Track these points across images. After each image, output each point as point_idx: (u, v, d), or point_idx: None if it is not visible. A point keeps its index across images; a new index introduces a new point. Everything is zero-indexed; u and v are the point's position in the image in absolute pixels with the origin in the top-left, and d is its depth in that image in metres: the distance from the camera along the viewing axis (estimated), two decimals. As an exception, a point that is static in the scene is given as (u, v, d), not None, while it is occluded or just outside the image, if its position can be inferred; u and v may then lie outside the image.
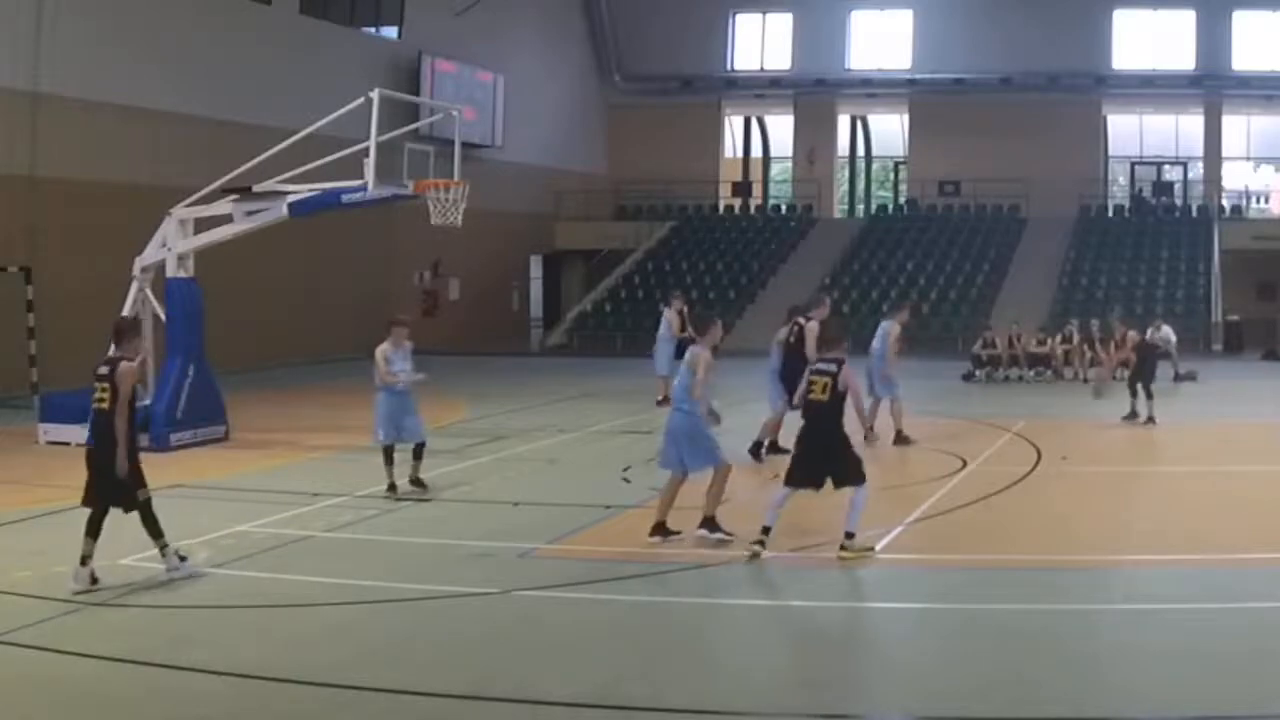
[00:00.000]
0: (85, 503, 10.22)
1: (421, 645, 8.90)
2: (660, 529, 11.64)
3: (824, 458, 11.05)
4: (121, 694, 7.94)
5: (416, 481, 14.26)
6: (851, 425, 11.30)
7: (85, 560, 9.96)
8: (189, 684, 7.96)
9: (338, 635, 9.14)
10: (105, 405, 10.19)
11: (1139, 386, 19.86)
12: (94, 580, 9.98)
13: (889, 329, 17.92)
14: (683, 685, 8.00)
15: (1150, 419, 19.52)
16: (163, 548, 10.30)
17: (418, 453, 14.30)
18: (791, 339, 15.95)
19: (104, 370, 10.31)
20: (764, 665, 8.47)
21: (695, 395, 11.44)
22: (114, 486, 10.08)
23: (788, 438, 15.91)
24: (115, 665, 8.36)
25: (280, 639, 9.11)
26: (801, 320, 16.03)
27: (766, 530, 11.06)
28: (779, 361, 16.18)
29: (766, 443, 16.22)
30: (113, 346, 10.74)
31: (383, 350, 14.16)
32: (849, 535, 10.99)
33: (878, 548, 11.43)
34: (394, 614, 9.67)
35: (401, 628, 9.32)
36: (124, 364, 10.23)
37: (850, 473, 11.03)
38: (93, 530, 10.05)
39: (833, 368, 11.14)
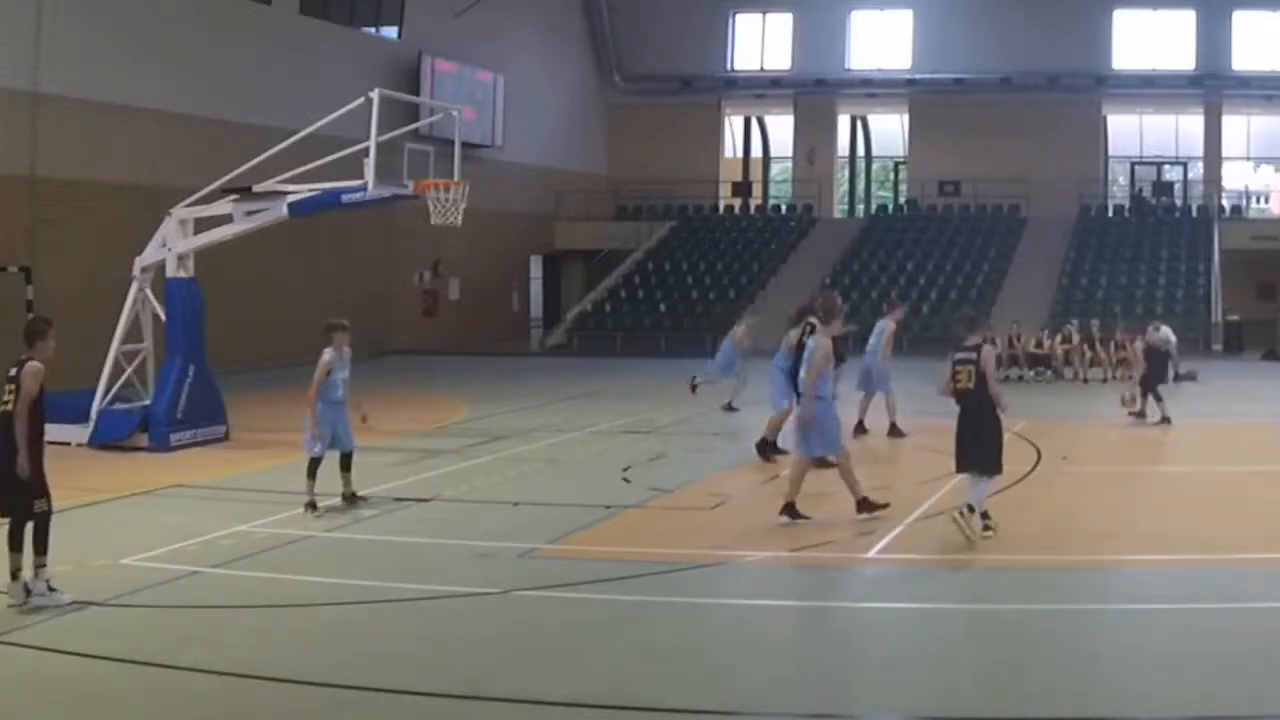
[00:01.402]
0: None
1: (421, 645, 8.89)
2: (790, 509, 12.38)
3: (975, 441, 11.54)
4: (121, 694, 7.94)
5: (352, 496, 13.44)
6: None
7: (39, 570, 9.52)
8: (189, 684, 7.96)
9: (338, 635, 9.14)
10: (9, 407, 9.48)
11: (1148, 390, 20.00)
12: (50, 587, 9.55)
13: (885, 327, 18.39)
14: (682, 685, 8.00)
15: (1165, 419, 19.64)
16: (39, 568, 9.50)
17: (347, 463, 13.44)
18: (804, 338, 15.96)
19: (12, 371, 9.62)
20: (763, 665, 8.47)
21: (812, 379, 12.30)
22: (13, 494, 9.50)
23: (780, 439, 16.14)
24: (115, 665, 8.36)
25: (280, 639, 9.11)
26: (813, 320, 16.03)
27: (985, 515, 11.51)
28: (788, 361, 16.16)
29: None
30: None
31: (328, 360, 13.24)
32: (976, 511, 11.44)
33: (877, 548, 11.44)
34: (394, 614, 9.67)
35: (401, 628, 9.31)
36: (30, 363, 9.56)
37: (989, 464, 11.55)
38: (14, 543, 9.56)
39: (973, 355, 11.57)
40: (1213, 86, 41.81)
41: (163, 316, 18.34)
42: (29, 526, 9.56)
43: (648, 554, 11.29)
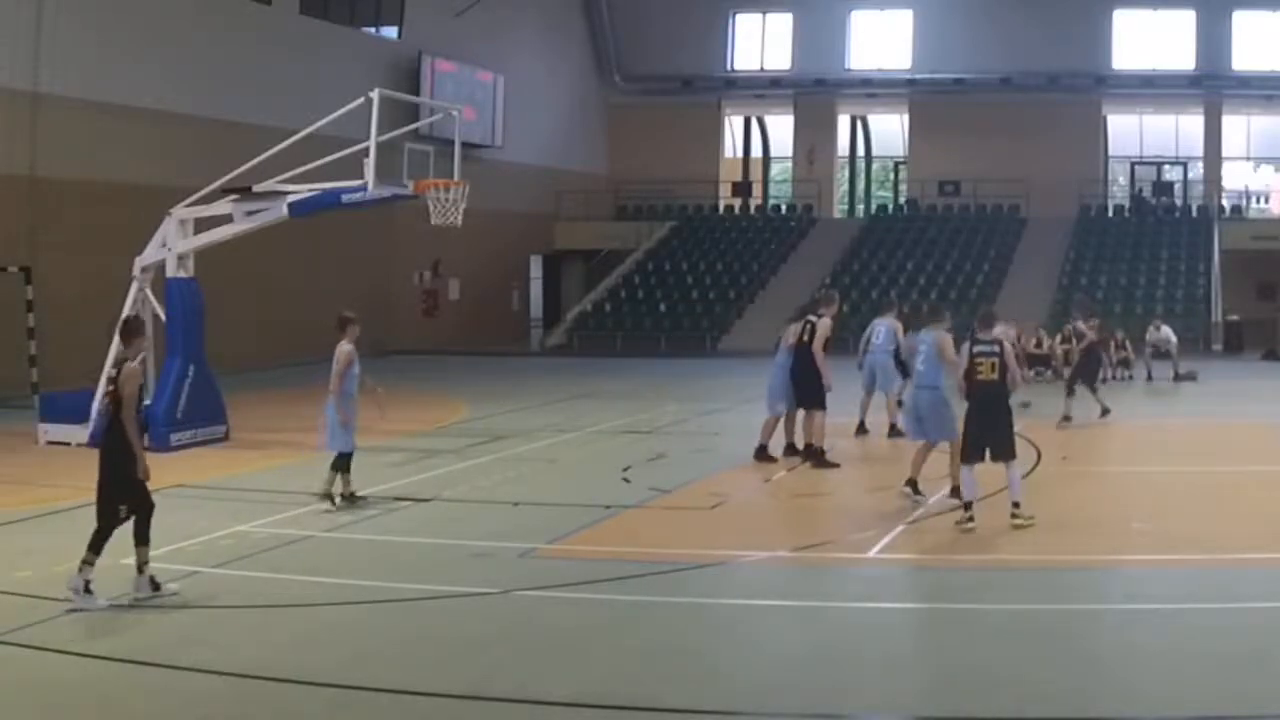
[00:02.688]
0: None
1: (421, 645, 8.89)
2: (912, 484, 13.23)
3: (991, 429, 12.00)
4: (121, 694, 7.94)
5: (352, 496, 13.35)
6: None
7: (85, 566, 9.70)
8: (189, 684, 7.96)
9: (338, 635, 9.14)
10: (109, 409, 9.95)
11: (1078, 386, 20.01)
12: (155, 586, 9.79)
13: (893, 326, 18.27)
14: (682, 685, 8.00)
15: (1105, 410, 19.97)
16: (84, 564, 9.59)
17: (349, 465, 13.34)
18: (805, 336, 16.00)
19: (112, 373, 10.05)
20: (763, 665, 8.47)
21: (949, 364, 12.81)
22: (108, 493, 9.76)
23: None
24: (115, 665, 8.36)
25: (280, 639, 9.11)
26: (814, 318, 16.08)
27: (969, 505, 12.01)
28: (789, 359, 16.16)
29: (802, 442, 16.15)
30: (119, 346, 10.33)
31: (350, 350, 13.24)
32: (1016, 505, 12.02)
33: (877, 548, 11.45)
34: (394, 614, 9.67)
35: (401, 628, 9.31)
36: (127, 365, 9.95)
37: (1008, 449, 12.05)
38: (139, 537, 9.82)
39: (995, 349, 12.09)
40: (1213, 86, 41.80)
41: (163, 316, 18.33)
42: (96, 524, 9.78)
43: (648, 554, 11.29)
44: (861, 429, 18.30)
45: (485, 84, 38.48)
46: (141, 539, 9.83)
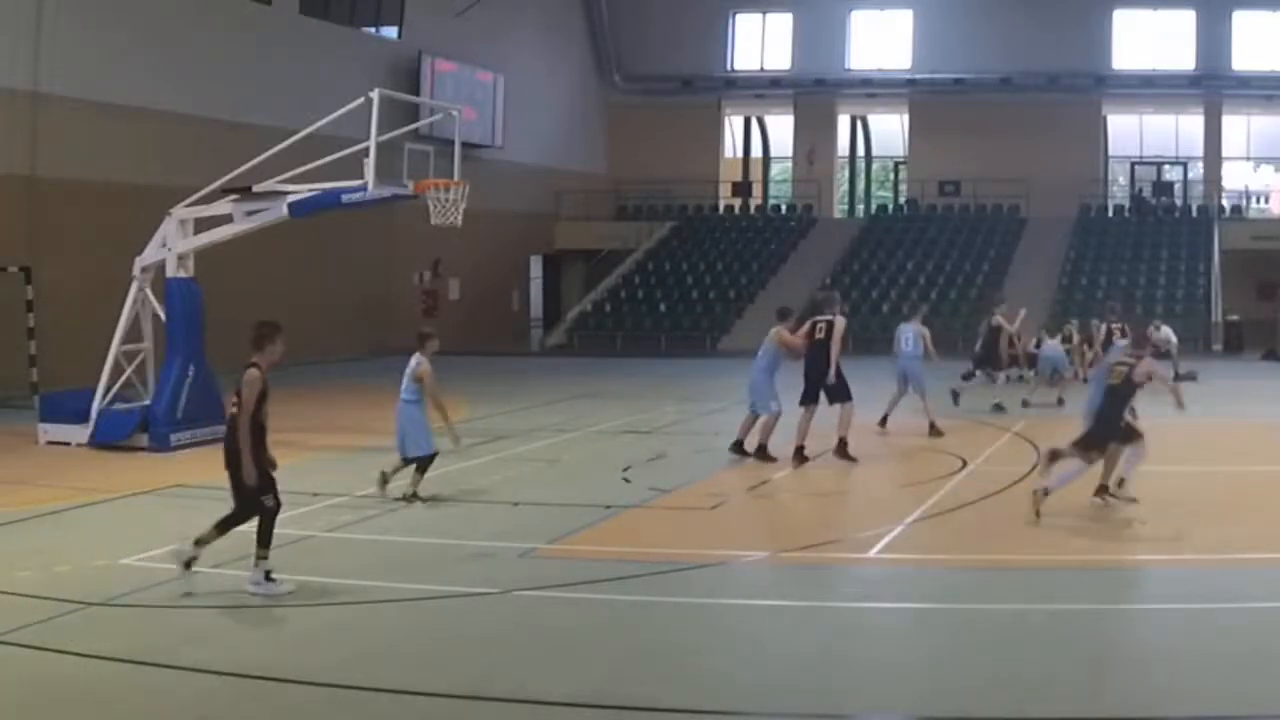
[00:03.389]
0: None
1: (421, 645, 8.89)
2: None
3: (1109, 429, 12.82)
4: (121, 694, 7.93)
5: (414, 496, 13.78)
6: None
7: (259, 561, 9.99)
8: (189, 684, 7.96)
9: (338, 635, 9.14)
10: (234, 410, 10.19)
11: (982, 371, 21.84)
12: (268, 578, 9.97)
13: (921, 331, 19.10)
14: (682, 685, 8.00)
15: (998, 406, 21.04)
16: (259, 559, 10.01)
17: (429, 466, 13.99)
18: (821, 333, 16.12)
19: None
20: (763, 665, 8.46)
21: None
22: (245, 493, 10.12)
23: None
24: (115, 665, 8.35)
25: (280, 639, 9.11)
26: (830, 317, 16.20)
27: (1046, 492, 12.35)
28: (775, 360, 16.27)
29: (754, 444, 16.19)
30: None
31: (430, 367, 13.88)
32: (1120, 483, 12.84)
33: (877, 548, 11.45)
34: (394, 614, 9.66)
35: (401, 628, 9.31)
36: (250, 370, 10.11)
37: (1130, 435, 13.00)
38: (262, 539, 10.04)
39: (1133, 361, 13.19)
40: (1213, 86, 41.82)
41: (163, 316, 18.32)
42: (256, 520, 10.08)
43: (648, 554, 11.29)
44: (884, 422, 18.67)
45: (485, 84, 38.48)
46: (223, 531, 10.18)
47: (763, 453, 16.11)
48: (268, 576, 9.96)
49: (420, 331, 14.37)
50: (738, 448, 16.28)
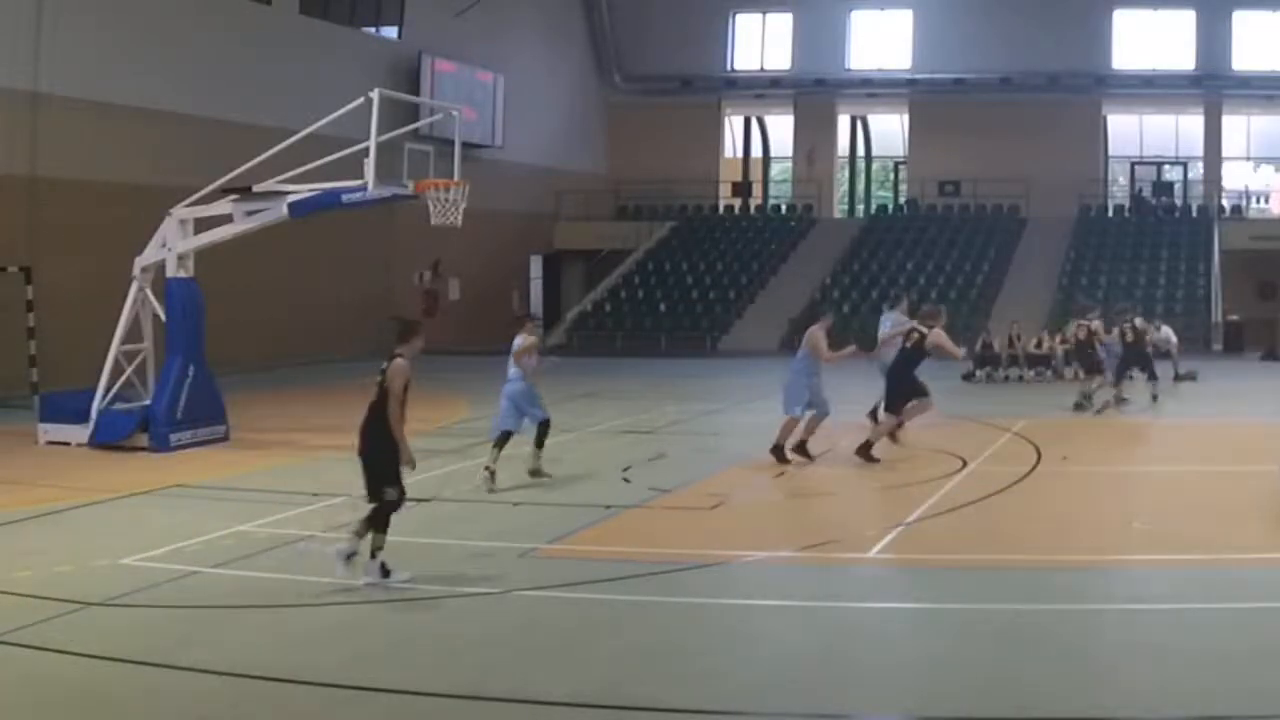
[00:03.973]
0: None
1: (421, 645, 8.89)
2: None
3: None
4: (121, 694, 7.94)
5: (538, 472, 14.93)
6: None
7: (375, 553, 10.11)
8: (189, 684, 7.96)
9: (338, 635, 9.14)
10: (374, 399, 10.31)
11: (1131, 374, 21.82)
12: (385, 572, 10.09)
13: (904, 322, 18.63)
14: (682, 685, 8.00)
15: (1105, 405, 21.15)
16: (375, 550, 10.15)
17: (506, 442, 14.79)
18: (909, 343, 16.58)
19: (384, 365, 10.34)
20: (763, 665, 8.46)
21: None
22: (373, 480, 10.24)
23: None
24: (115, 665, 8.35)
25: (280, 639, 9.10)
26: (924, 330, 16.54)
27: None
28: (815, 364, 16.29)
29: (788, 446, 16.09)
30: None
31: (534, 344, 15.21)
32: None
33: (877, 548, 11.46)
34: (394, 614, 9.66)
35: (401, 628, 9.31)
36: (397, 360, 10.23)
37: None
38: (379, 524, 10.19)
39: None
40: (1213, 86, 41.82)
41: (163, 316, 18.32)
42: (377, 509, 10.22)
43: (648, 554, 11.29)
44: (874, 415, 18.55)
45: (485, 84, 38.48)
46: (380, 525, 10.18)
47: (785, 452, 15.91)
48: (384, 569, 10.11)
49: (523, 315, 15.92)
50: (801, 450, 16.13)
